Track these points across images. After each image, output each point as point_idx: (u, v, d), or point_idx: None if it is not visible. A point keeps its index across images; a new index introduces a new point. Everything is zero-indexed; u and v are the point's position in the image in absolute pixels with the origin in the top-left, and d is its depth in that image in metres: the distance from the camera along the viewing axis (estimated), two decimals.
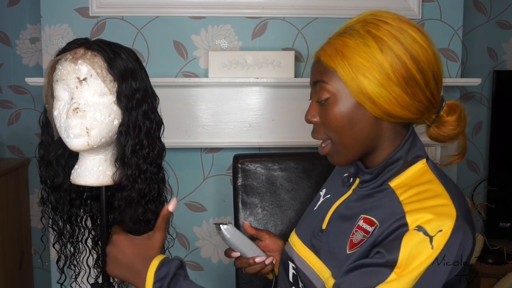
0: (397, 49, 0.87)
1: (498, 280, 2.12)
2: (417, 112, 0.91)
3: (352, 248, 0.91)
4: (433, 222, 0.83)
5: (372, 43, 0.88)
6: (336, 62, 0.90)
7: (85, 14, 2.11)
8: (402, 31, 0.89)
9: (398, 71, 0.87)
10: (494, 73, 2.39)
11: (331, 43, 0.94)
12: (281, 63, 2.09)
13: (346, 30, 0.93)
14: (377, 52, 0.88)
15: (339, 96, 0.91)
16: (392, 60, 0.87)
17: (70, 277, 1.22)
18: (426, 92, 0.90)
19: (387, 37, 0.88)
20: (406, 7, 2.16)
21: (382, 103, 0.88)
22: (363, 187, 0.98)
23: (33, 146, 2.30)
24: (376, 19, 0.90)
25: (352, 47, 0.89)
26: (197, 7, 2.13)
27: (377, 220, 0.90)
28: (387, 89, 0.88)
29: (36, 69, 2.35)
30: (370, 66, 0.88)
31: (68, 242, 1.19)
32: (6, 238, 2.17)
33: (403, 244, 0.83)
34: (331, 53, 0.92)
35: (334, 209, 1.01)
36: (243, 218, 1.45)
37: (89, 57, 1.01)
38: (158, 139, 1.11)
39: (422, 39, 0.89)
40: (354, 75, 0.88)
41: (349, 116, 0.91)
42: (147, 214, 1.11)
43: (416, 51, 0.88)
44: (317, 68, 0.95)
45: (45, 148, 1.11)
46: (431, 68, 0.90)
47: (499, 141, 2.38)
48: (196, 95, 2.10)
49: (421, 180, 0.93)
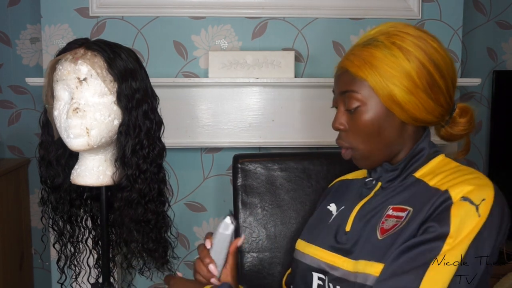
0: (422, 57, 0.94)
1: (498, 280, 2.12)
2: (439, 115, 0.98)
3: (383, 233, 0.95)
4: (476, 192, 0.89)
5: (399, 53, 0.94)
6: (366, 72, 0.95)
7: (85, 14, 2.11)
8: (424, 41, 0.95)
9: (424, 78, 0.94)
10: (494, 73, 2.39)
11: (357, 54, 0.97)
12: (281, 63, 2.09)
13: (370, 42, 0.97)
14: (404, 61, 0.94)
15: (369, 104, 0.96)
16: (418, 68, 0.94)
17: (70, 277, 1.22)
18: (446, 96, 0.97)
19: (411, 47, 0.94)
20: (406, 7, 2.16)
21: (411, 109, 0.95)
22: (387, 187, 1.02)
23: (33, 146, 2.31)
24: (399, 31, 0.96)
25: (380, 57, 0.95)
26: (197, 7, 2.13)
27: (408, 206, 0.95)
28: (414, 96, 0.94)
29: (36, 69, 2.35)
30: (398, 74, 0.93)
31: (68, 242, 1.19)
32: (6, 238, 2.17)
33: (452, 215, 0.87)
34: (359, 63, 0.96)
35: (357, 211, 1.03)
36: (243, 218, 1.45)
37: (89, 57, 1.01)
38: (158, 139, 1.11)
39: (440, 48, 0.97)
40: (384, 83, 0.94)
41: (378, 122, 0.96)
42: (147, 214, 1.11)
43: (438, 59, 0.95)
44: (344, 78, 0.99)
45: (45, 148, 1.12)
46: (450, 74, 0.97)
47: (499, 141, 2.38)
48: (196, 95, 2.10)
49: (447, 167, 0.98)
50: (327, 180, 1.47)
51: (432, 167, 0.99)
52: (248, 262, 1.43)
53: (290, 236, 1.44)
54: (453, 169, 0.97)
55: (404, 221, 0.93)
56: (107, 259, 1.15)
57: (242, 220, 1.45)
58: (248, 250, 1.44)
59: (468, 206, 0.88)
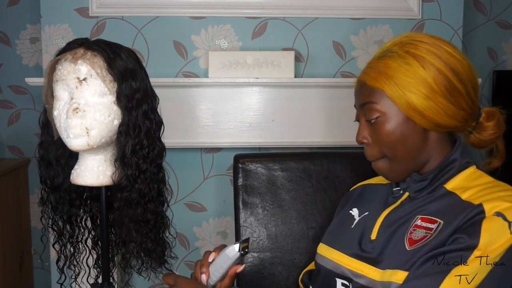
0: (437, 63, 0.95)
1: None
2: (462, 120, 0.97)
3: (413, 245, 0.94)
4: (511, 209, 0.88)
5: (413, 61, 0.95)
6: (382, 83, 0.96)
7: (85, 14, 2.10)
8: (438, 47, 0.96)
9: (441, 83, 0.94)
10: (494, 73, 2.39)
11: (373, 67, 0.99)
12: (281, 63, 2.09)
13: (385, 54, 0.99)
14: (419, 68, 0.94)
15: (388, 114, 0.97)
16: (434, 74, 0.94)
17: (70, 277, 1.22)
18: (468, 100, 0.97)
19: (426, 54, 0.95)
20: (406, 7, 2.16)
21: (431, 115, 0.95)
22: (415, 196, 1.00)
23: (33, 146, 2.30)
24: (413, 40, 0.98)
25: (395, 67, 0.96)
26: (197, 7, 2.13)
27: (438, 218, 0.94)
28: (433, 101, 0.94)
29: (36, 69, 2.35)
30: (415, 82, 0.94)
31: (68, 242, 1.19)
32: (6, 238, 2.17)
33: (483, 229, 0.87)
34: (375, 75, 0.97)
35: (383, 219, 1.02)
36: (244, 218, 1.45)
37: (89, 57, 1.01)
38: (158, 139, 1.11)
39: (456, 53, 0.97)
40: (401, 92, 0.95)
41: (400, 131, 0.97)
42: (147, 214, 1.11)
43: (454, 63, 0.95)
44: (363, 91, 1.00)
45: (45, 148, 1.11)
46: (469, 78, 0.97)
47: None
48: (196, 95, 2.10)
49: (479, 181, 0.98)
50: (328, 180, 1.47)
51: (463, 179, 0.99)
52: (249, 262, 1.43)
53: (291, 236, 1.44)
54: (487, 184, 0.97)
55: (434, 233, 0.92)
56: (106, 259, 1.15)
57: (243, 220, 1.44)
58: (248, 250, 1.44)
59: (501, 222, 0.87)
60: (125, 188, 1.08)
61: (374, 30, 2.17)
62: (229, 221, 2.27)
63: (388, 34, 2.17)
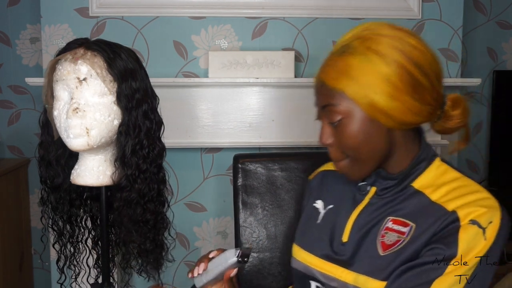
0: (400, 58, 0.89)
1: (498, 280, 2.12)
2: (428, 115, 0.94)
3: (386, 249, 0.93)
4: (484, 215, 0.89)
5: (375, 58, 0.89)
6: (343, 84, 0.90)
7: (85, 14, 2.11)
8: (400, 40, 0.90)
9: (405, 80, 0.89)
10: (494, 73, 2.39)
11: (332, 64, 0.92)
12: (281, 63, 2.09)
13: (345, 49, 0.92)
14: (381, 66, 0.88)
15: (351, 115, 0.91)
16: (398, 71, 0.88)
17: (70, 277, 1.22)
18: (432, 93, 0.92)
19: (387, 50, 0.89)
20: (406, 7, 2.16)
21: (396, 114, 0.90)
22: (383, 194, 0.99)
23: (33, 146, 2.30)
24: (374, 34, 0.91)
25: (356, 66, 0.89)
26: (197, 7, 2.13)
27: (410, 221, 0.93)
28: (398, 100, 0.89)
29: (36, 69, 2.35)
30: (377, 81, 0.88)
31: (68, 242, 1.19)
32: (6, 238, 2.17)
33: (460, 238, 0.87)
34: (335, 75, 0.91)
35: (354, 220, 1.00)
36: (244, 218, 1.45)
37: (89, 57, 1.01)
38: (158, 139, 1.11)
39: (419, 44, 0.91)
40: (364, 93, 0.89)
41: (364, 132, 0.92)
42: (146, 214, 1.11)
43: (417, 56, 0.90)
44: (323, 92, 0.94)
45: (45, 148, 1.11)
46: (433, 69, 0.92)
47: (499, 141, 2.38)
48: (196, 95, 2.10)
49: (446, 178, 0.96)
50: None
51: (431, 178, 0.97)
52: (248, 262, 1.43)
53: (290, 236, 1.44)
54: (454, 181, 0.96)
55: (407, 237, 0.92)
56: (106, 259, 1.15)
57: (243, 220, 1.44)
58: None
59: (476, 229, 0.88)
60: (125, 188, 1.08)
61: None
62: (229, 221, 2.27)
63: None
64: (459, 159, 2.37)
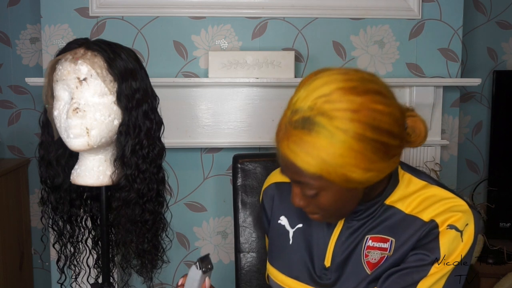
0: (369, 132, 0.85)
1: (498, 280, 2.12)
2: (399, 159, 0.93)
3: (373, 268, 0.97)
4: (461, 219, 0.94)
5: (344, 136, 0.84)
6: (317, 168, 0.85)
7: (85, 14, 2.11)
8: (366, 111, 0.85)
9: (377, 149, 0.86)
10: (494, 73, 2.39)
11: (298, 142, 0.86)
12: (281, 63, 2.09)
13: (308, 125, 0.85)
14: (352, 143, 0.84)
15: (327, 188, 0.89)
16: (369, 144, 0.85)
17: (70, 277, 1.22)
18: (399, 142, 0.90)
19: (354, 126, 0.84)
20: (406, 7, 2.16)
21: (373, 180, 0.89)
22: (358, 216, 1.01)
23: (33, 146, 2.30)
24: (336, 109, 0.84)
25: (325, 147, 0.84)
26: (197, 7, 2.13)
27: (389, 236, 0.97)
28: (374, 170, 0.87)
29: (36, 69, 2.35)
30: (351, 160, 0.85)
31: (68, 242, 1.19)
32: (6, 238, 2.17)
33: (441, 243, 0.93)
34: (306, 158, 0.85)
35: (334, 245, 1.02)
36: (243, 218, 1.45)
37: (89, 57, 1.01)
38: (158, 139, 1.11)
39: (378, 101, 0.86)
40: (339, 173, 0.85)
41: (340, 199, 0.91)
42: (145, 214, 1.11)
43: (384, 121, 0.86)
44: (293, 169, 0.88)
45: (45, 148, 1.11)
46: (395, 121, 0.88)
47: (499, 141, 2.38)
48: (196, 95, 2.10)
49: (412, 188, 1.00)
50: None
51: (400, 192, 1.00)
52: (248, 262, 1.43)
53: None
54: (421, 191, 0.99)
55: (390, 252, 0.97)
56: (107, 259, 1.15)
57: (242, 220, 1.44)
58: (248, 250, 1.44)
59: (455, 233, 0.93)
60: (124, 188, 1.08)
61: (374, 30, 2.17)
62: (229, 221, 2.27)
63: (388, 34, 2.17)
64: (459, 159, 2.37)
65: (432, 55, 2.20)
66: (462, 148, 2.46)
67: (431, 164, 2.14)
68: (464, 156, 2.50)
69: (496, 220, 2.37)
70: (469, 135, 2.50)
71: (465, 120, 2.48)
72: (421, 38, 2.19)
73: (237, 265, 1.44)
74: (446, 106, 2.23)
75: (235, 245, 1.45)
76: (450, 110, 2.25)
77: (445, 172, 2.21)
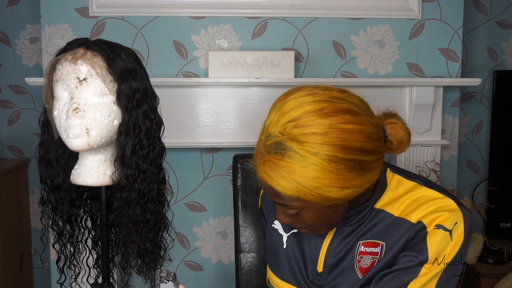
0: (340, 153, 0.85)
1: (498, 280, 2.12)
2: (379, 170, 0.93)
3: (365, 272, 0.99)
4: (449, 219, 0.94)
5: (316, 160, 0.85)
6: (294, 191, 0.86)
7: (85, 14, 2.11)
8: (335, 132, 0.85)
9: (352, 167, 0.86)
10: (494, 73, 2.39)
11: (273, 168, 0.87)
12: (281, 63, 2.09)
13: (282, 151, 0.86)
14: (326, 165, 0.85)
15: (308, 207, 0.91)
16: (342, 164, 0.85)
17: (70, 277, 1.21)
18: (375, 157, 0.90)
19: (327, 149, 0.85)
20: (406, 7, 2.16)
21: (352, 196, 0.89)
22: (349, 222, 1.02)
23: (33, 146, 2.30)
24: (306, 134, 0.85)
25: (301, 171, 0.85)
26: (197, 7, 2.13)
27: (379, 240, 0.98)
28: (351, 187, 0.88)
29: (36, 69, 2.35)
30: (328, 180, 0.85)
31: (68, 242, 1.19)
32: (6, 238, 2.17)
33: (429, 244, 0.93)
34: (282, 183, 0.86)
35: (325, 251, 1.04)
36: (243, 218, 1.44)
37: (89, 57, 1.01)
38: (158, 139, 1.11)
39: (347, 121, 0.87)
40: (316, 194, 0.86)
41: (323, 215, 0.93)
42: (146, 214, 1.11)
43: (352, 140, 0.86)
44: (273, 192, 0.90)
45: (45, 148, 1.11)
46: (368, 138, 0.88)
47: (499, 141, 2.38)
48: (196, 95, 2.10)
49: (402, 190, 1.00)
50: None
51: (389, 194, 1.00)
52: (248, 262, 1.43)
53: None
54: (411, 193, 0.99)
55: (380, 256, 0.98)
56: (106, 259, 1.15)
57: (242, 220, 1.44)
58: (248, 250, 1.43)
59: (443, 232, 0.94)
60: (125, 188, 1.08)
61: (374, 30, 2.17)
62: (229, 221, 2.27)
63: (388, 34, 2.17)
64: (459, 159, 2.37)
65: (432, 55, 2.20)
66: (462, 148, 2.46)
67: (431, 164, 2.14)
68: (464, 156, 2.50)
69: (496, 220, 2.37)
70: (469, 135, 2.50)
71: (465, 120, 2.48)
72: (421, 38, 2.19)
73: (237, 265, 1.44)
74: (446, 106, 2.23)
75: (235, 245, 1.45)
76: (450, 110, 2.25)
77: (445, 172, 2.21)
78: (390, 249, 0.97)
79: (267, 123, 0.92)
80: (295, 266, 1.08)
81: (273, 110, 0.93)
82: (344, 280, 1.00)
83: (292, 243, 1.09)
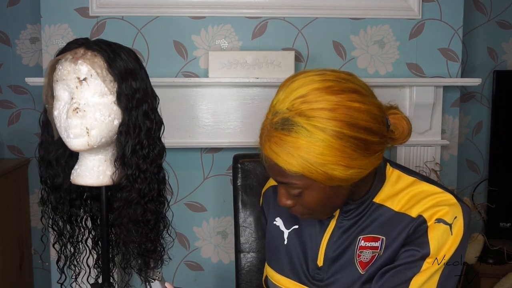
0: (347, 129, 0.86)
1: (498, 280, 2.12)
2: (382, 155, 0.95)
3: (365, 267, 0.99)
4: (449, 213, 0.95)
5: (323, 135, 0.86)
6: (299, 167, 0.87)
7: (85, 14, 2.11)
8: (342, 109, 0.87)
9: (357, 146, 0.88)
10: (494, 73, 2.39)
11: (279, 143, 0.88)
12: (281, 63, 2.09)
13: (288, 126, 0.88)
14: (332, 141, 0.86)
15: (311, 187, 0.91)
16: (348, 142, 0.87)
17: (70, 277, 1.21)
18: (379, 139, 0.91)
19: (334, 125, 0.86)
20: (406, 7, 2.16)
21: (355, 177, 0.90)
22: (348, 216, 1.02)
23: (33, 146, 2.30)
24: (314, 109, 0.87)
25: (306, 146, 0.86)
26: (197, 7, 2.13)
27: (379, 234, 0.98)
28: (355, 167, 0.89)
29: (36, 69, 2.35)
30: (332, 158, 0.87)
31: (68, 242, 1.19)
32: (6, 238, 2.17)
33: (430, 238, 0.94)
34: (288, 158, 0.87)
35: (326, 245, 1.04)
36: (244, 218, 1.45)
37: (89, 57, 1.01)
38: (158, 139, 1.11)
39: (354, 99, 0.88)
40: (321, 171, 0.87)
41: (325, 196, 0.94)
42: (147, 214, 1.11)
43: (363, 118, 0.88)
44: (278, 171, 0.91)
45: (45, 148, 1.11)
46: (373, 118, 0.90)
47: (499, 141, 2.38)
48: (196, 95, 2.10)
49: (402, 185, 1.01)
50: None
51: (388, 189, 1.01)
52: (248, 262, 1.43)
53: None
54: (410, 187, 1.00)
55: (381, 250, 0.98)
56: (107, 259, 1.15)
57: (242, 220, 1.44)
58: (248, 250, 1.44)
59: (443, 226, 0.94)
60: (125, 188, 1.08)
61: (374, 30, 2.17)
62: (229, 221, 2.27)
63: (388, 34, 2.17)
64: (459, 159, 2.37)
65: (432, 55, 2.20)
66: (462, 148, 2.46)
67: (431, 164, 2.14)
68: (464, 156, 2.50)
69: (496, 220, 2.37)
70: (469, 135, 2.50)
71: (465, 120, 2.48)
72: (421, 38, 2.19)
73: (237, 265, 1.44)
74: (446, 106, 2.23)
75: (235, 245, 1.45)
76: (450, 110, 2.25)
77: (445, 172, 2.21)
78: (390, 243, 0.97)
79: (274, 101, 0.94)
80: (296, 261, 1.08)
81: (281, 89, 0.95)
82: (344, 275, 1.00)
83: (293, 239, 1.10)
